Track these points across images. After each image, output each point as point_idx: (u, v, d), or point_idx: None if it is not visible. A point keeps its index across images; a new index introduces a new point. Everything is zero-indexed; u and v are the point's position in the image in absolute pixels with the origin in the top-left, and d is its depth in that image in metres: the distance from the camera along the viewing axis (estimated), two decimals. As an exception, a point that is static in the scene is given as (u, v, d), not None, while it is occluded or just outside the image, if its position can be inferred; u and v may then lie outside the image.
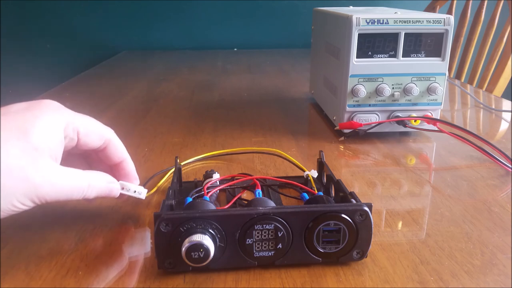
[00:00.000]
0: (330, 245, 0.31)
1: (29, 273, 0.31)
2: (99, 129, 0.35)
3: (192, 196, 0.37)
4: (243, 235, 0.30)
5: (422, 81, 0.57)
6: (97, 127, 0.35)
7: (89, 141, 0.35)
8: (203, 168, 0.50)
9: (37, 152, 0.30)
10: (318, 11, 0.74)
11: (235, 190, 0.42)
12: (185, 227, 0.29)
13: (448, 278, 0.30)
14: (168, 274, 0.31)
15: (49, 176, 0.30)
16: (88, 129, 0.34)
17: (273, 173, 0.49)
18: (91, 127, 0.35)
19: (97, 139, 0.35)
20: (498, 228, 0.37)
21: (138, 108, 0.78)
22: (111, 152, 0.36)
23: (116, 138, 0.37)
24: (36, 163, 0.30)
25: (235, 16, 1.61)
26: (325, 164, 0.41)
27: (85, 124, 0.34)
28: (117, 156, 0.37)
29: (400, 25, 0.54)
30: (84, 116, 0.35)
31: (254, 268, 0.32)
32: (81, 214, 0.39)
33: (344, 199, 0.33)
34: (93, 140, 0.35)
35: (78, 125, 0.33)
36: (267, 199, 0.33)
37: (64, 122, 0.32)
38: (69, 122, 0.33)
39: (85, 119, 0.34)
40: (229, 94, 0.88)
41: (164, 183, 0.46)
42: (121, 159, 0.37)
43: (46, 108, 0.32)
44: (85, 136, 0.34)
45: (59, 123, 0.32)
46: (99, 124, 0.36)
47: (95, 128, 0.35)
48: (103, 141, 0.35)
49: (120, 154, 0.37)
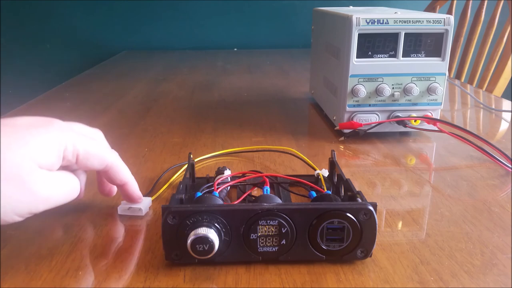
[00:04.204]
0: (334, 243, 0.31)
1: (29, 273, 0.31)
2: (100, 154, 0.35)
3: (202, 191, 0.37)
4: (247, 230, 0.31)
5: (422, 81, 0.57)
6: (99, 152, 0.35)
7: (89, 164, 0.35)
8: (217, 165, 0.51)
9: (35, 163, 0.30)
10: (318, 11, 0.74)
11: (245, 186, 0.42)
12: (191, 220, 0.30)
13: (448, 278, 0.30)
14: (168, 273, 0.31)
15: (49, 186, 0.31)
16: (88, 153, 0.34)
17: (285, 171, 0.49)
18: (93, 151, 0.34)
19: (97, 164, 0.35)
20: (498, 228, 0.37)
21: (138, 108, 0.78)
22: (113, 175, 0.37)
23: (119, 162, 0.37)
24: (34, 172, 0.30)
25: (235, 16, 1.61)
26: (336, 163, 0.41)
27: (87, 148, 0.34)
28: (118, 179, 0.37)
29: (400, 25, 0.54)
30: (88, 140, 0.34)
31: (254, 267, 0.32)
32: (81, 214, 0.39)
33: (352, 198, 0.34)
34: (92, 164, 0.35)
35: (78, 149, 0.33)
36: (273, 196, 0.34)
37: (65, 143, 0.32)
38: (70, 144, 0.33)
39: (88, 144, 0.34)
40: (229, 94, 0.88)
41: (177, 178, 0.47)
42: (123, 182, 0.37)
43: (52, 127, 0.33)
44: (84, 159, 0.34)
45: (60, 144, 0.32)
46: (101, 149, 0.36)
47: (96, 153, 0.35)
48: (104, 165, 0.36)
49: (122, 177, 0.37)
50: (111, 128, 0.65)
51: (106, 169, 0.36)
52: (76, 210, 0.40)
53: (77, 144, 0.33)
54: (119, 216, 0.39)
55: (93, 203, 0.42)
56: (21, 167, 0.29)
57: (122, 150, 0.38)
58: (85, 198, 0.42)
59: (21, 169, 0.29)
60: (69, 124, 0.36)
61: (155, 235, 0.36)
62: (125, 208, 0.39)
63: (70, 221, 0.38)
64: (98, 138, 0.39)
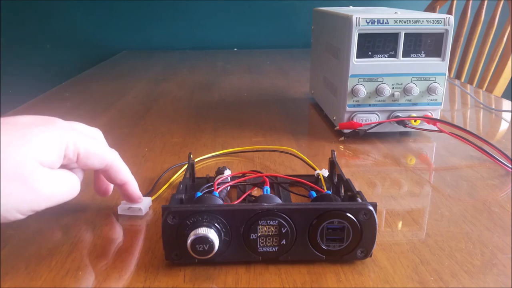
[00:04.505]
0: (334, 243, 0.31)
1: (29, 273, 0.31)
2: (101, 153, 0.35)
3: (202, 191, 0.38)
4: (247, 230, 0.31)
5: (422, 81, 0.57)
6: (99, 150, 0.35)
7: (89, 163, 0.35)
8: (217, 165, 0.51)
9: (37, 161, 0.30)
10: (318, 11, 0.74)
11: (245, 187, 0.42)
12: (191, 220, 0.30)
13: (448, 278, 0.30)
14: (168, 273, 0.31)
15: (51, 184, 0.31)
16: (89, 152, 0.34)
17: (285, 171, 0.49)
18: (93, 150, 0.35)
19: (98, 163, 0.35)
20: (498, 228, 0.37)
21: (138, 108, 0.78)
22: (113, 175, 0.37)
23: (119, 161, 0.37)
24: (39, 173, 0.30)
25: (235, 16, 1.61)
26: (336, 163, 0.41)
27: (87, 147, 0.34)
28: (118, 179, 0.37)
29: (400, 25, 0.54)
30: (89, 139, 0.35)
31: (254, 268, 0.32)
32: (81, 214, 0.39)
33: (352, 198, 0.34)
34: (93, 163, 0.35)
35: (79, 148, 0.33)
36: (273, 196, 0.34)
37: (66, 142, 0.33)
38: (71, 143, 0.33)
39: (88, 143, 0.34)
40: (229, 94, 0.88)
41: (177, 178, 0.47)
42: (123, 182, 0.37)
43: (53, 126, 0.33)
44: (85, 158, 0.34)
45: (61, 142, 0.32)
46: (102, 148, 0.36)
47: (97, 152, 0.35)
48: (105, 164, 0.36)
49: (122, 176, 0.37)
50: (111, 128, 0.65)
51: (106, 168, 0.36)
52: (76, 210, 0.40)
53: (78, 143, 0.33)
54: (119, 216, 0.39)
55: (93, 203, 0.42)
56: (23, 165, 0.29)
57: (122, 150, 0.38)
58: (85, 198, 0.42)
59: (23, 167, 0.29)
60: (70, 123, 0.36)
61: (155, 235, 0.36)
62: (125, 208, 0.39)
63: (70, 221, 0.38)
64: (98, 138, 0.39)
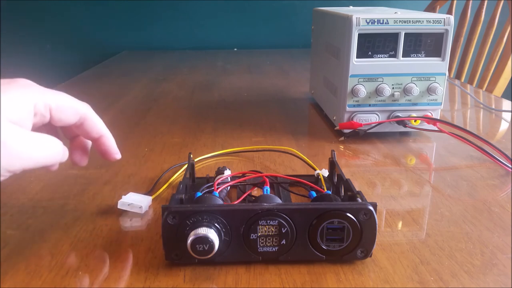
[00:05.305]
0: (334, 243, 0.31)
1: (29, 273, 0.31)
2: (73, 105, 0.35)
3: (202, 191, 0.38)
4: (247, 230, 0.31)
5: (422, 81, 0.57)
6: (71, 102, 0.35)
7: (63, 117, 0.34)
8: (217, 165, 0.51)
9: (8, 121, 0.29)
10: (318, 11, 0.74)
11: (245, 187, 0.42)
12: (191, 220, 0.30)
13: (448, 278, 0.30)
14: (168, 273, 0.31)
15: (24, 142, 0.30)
16: (61, 105, 0.34)
17: (285, 171, 0.49)
18: (64, 103, 0.34)
19: (72, 115, 0.35)
20: (498, 228, 0.37)
21: (138, 108, 0.78)
22: (88, 128, 0.36)
23: (93, 114, 0.36)
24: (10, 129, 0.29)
25: (235, 16, 1.61)
26: (336, 163, 0.41)
27: (57, 100, 0.33)
28: (95, 132, 0.36)
29: (400, 25, 0.54)
30: (56, 92, 0.34)
31: (254, 268, 0.32)
32: (81, 214, 0.39)
33: (352, 198, 0.34)
34: (67, 116, 0.34)
35: (49, 102, 0.33)
36: (273, 196, 0.34)
37: (34, 98, 0.32)
38: (40, 98, 0.32)
39: (57, 96, 0.34)
40: (229, 94, 0.88)
41: (177, 178, 0.47)
42: (99, 134, 0.37)
43: (16, 84, 0.32)
44: (58, 112, 0.33)
45: (28, 99, 0.31)
46: (73, 100, 0.35)
47: (68, 104, 0.34)
48: (79, 117, 0.35)
49: (98, 129, 0.37)
50: (111, 128, 0.65)
51: (81, 120, 0.35)
52: (76, 210, 0.40)
53: (47, 98, 0.33)
54: (119, 216, 0.39)
55: (93, 203, 0.42)
56: None
57: (122, 150, 0.38)
58: (85, 198, 0.42)
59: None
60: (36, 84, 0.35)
61: (155, 235, 0.36)
62: (125, 204, 0.39)
63: (70, 221, 0.38)
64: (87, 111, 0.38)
